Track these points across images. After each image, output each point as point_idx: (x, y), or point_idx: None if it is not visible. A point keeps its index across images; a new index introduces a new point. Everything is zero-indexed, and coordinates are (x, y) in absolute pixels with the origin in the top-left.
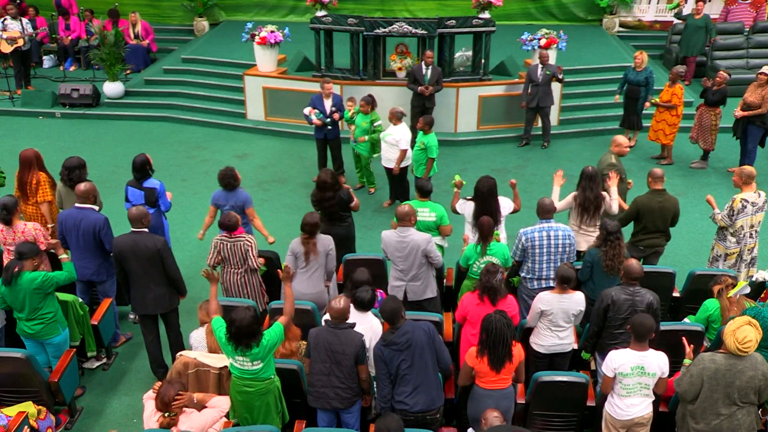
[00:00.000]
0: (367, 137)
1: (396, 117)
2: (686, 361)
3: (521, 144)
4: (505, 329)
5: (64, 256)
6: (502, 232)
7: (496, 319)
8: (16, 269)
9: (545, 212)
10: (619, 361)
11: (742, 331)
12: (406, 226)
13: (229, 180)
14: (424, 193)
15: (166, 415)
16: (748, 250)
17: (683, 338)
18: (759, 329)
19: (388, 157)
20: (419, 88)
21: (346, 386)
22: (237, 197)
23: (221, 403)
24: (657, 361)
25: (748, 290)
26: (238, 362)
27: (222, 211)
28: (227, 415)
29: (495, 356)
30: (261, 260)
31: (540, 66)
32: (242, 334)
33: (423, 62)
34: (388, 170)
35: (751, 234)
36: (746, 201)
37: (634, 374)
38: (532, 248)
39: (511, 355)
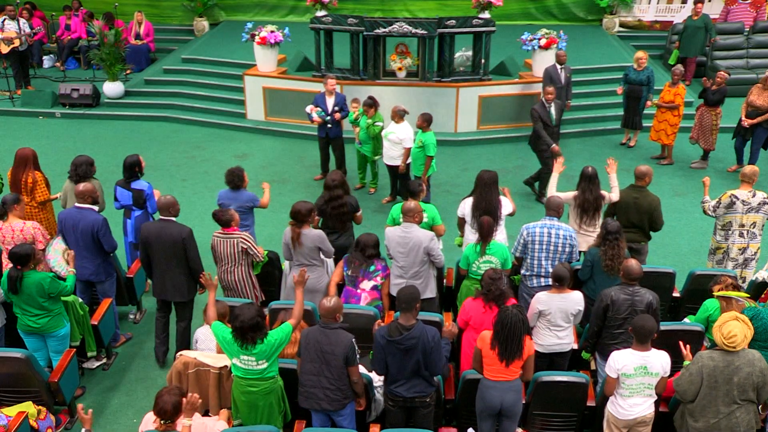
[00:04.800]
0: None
1: (398, 115)
2: (685, 363)
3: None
4: (519, 325)
5: (71, 269)
6: (501, 232)
7: (511, 313)
8: (18, 275)
9: (551, 209)
10: (622, 362)
11: (727, 326)
12: (410, 222)
13: (233, 179)
14: (413, 194)
15: (163, 422)
16: (739, 249)
17: (680, 342)
18: (748, 324)
19: (391, 155)
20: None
21: (336, 387)
22: (242, 198)
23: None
24: (659, 361)
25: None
26: (242, 362)
27: None
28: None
29: (506, 350)
30: (261, 249)
31: (559, 67)
32: (246, 327)
33: (544, 100)
34: (391, 168)
35: (742, 233)
36: (736, 198)
37: (637, 374)
38: (532, 243)
39: (522, 351)
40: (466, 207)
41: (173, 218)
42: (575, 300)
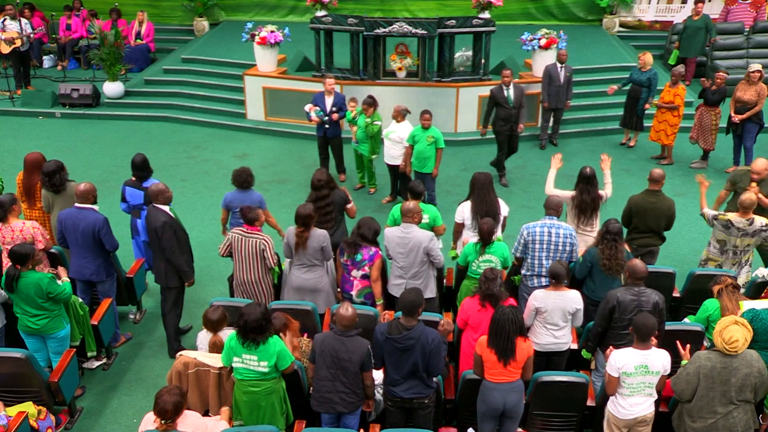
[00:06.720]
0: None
1: (401, 114)
2: (683, 363)
3: (542, 146)
4: (509, 324)
5: (66, 279)
6: (498, 233)
7: (502, 312)
8: (16, 273)
9: (550, 208)
10: (622, 360)
11: (728, 331)
12: (410, 223)
13: (246, 177)
14: (416, 194)
15: (163, 422)
16: (732, 263)
17: (677, 342)
18: (748, 327)
19: (392, 155)
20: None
21: (351, 391)
22: (252, 198)
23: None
24: (660, 360)
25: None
26: (245, 362)
27: (233, 213)
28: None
29: (499, 349)
30: (275, 258)
31: (559, 65)
32: (249, 327)
33: (502, 82)
34: (392, 167)
35: (735, 252)
36: (731, 224)
37: (638, 373)
38: (533, 242)
39: (515, 350)
40: (465, 212)
41: (162, 206)
42: (572, 299)
